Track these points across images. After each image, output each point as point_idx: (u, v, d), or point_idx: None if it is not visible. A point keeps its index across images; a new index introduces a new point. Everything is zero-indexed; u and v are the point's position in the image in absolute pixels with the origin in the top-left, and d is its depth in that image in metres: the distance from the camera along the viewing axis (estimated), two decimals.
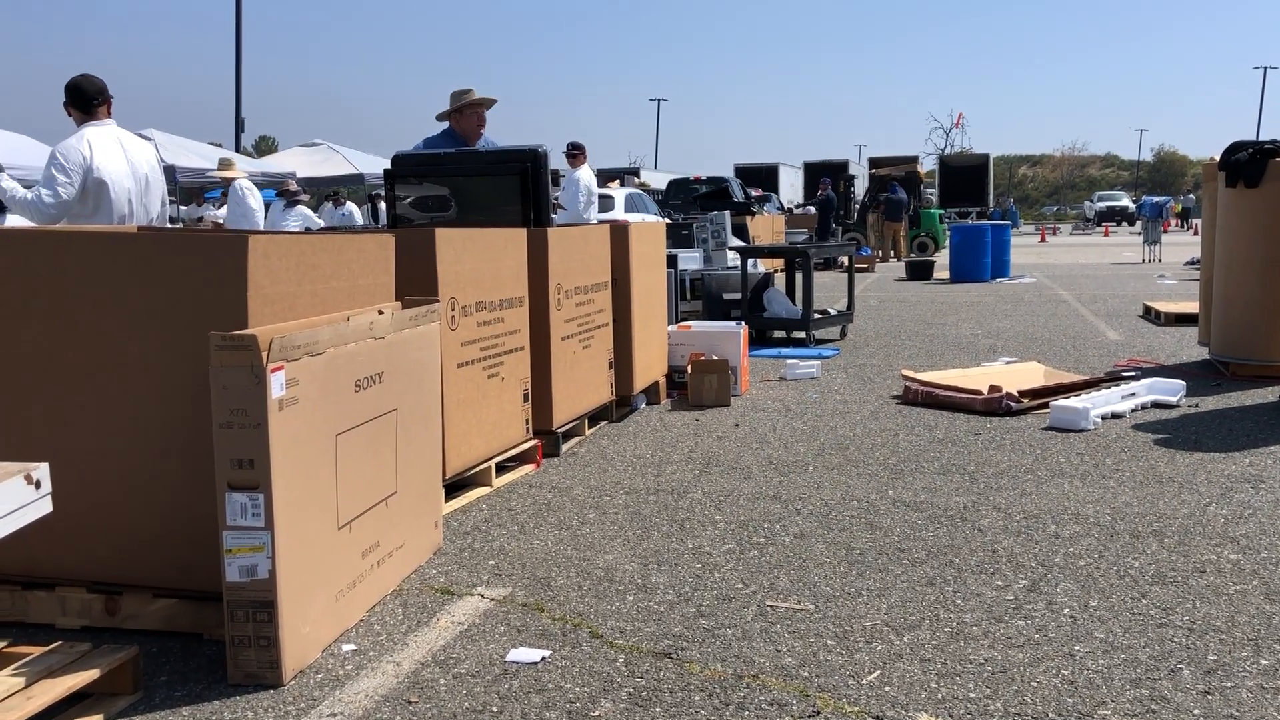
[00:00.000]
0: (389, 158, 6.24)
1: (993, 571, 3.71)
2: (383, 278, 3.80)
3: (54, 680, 2.61)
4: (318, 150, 22.95)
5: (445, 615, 3.37)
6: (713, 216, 13.12)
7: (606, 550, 3.99)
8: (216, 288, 3.04)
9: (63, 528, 3.10)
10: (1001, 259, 18.47)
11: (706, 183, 26.33)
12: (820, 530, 4.20)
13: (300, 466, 2.92)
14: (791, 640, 3.14)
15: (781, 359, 8.81)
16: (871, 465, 5.25)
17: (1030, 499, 4.60)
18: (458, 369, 4.57)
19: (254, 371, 2.74)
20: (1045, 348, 9.37)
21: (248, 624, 2.83)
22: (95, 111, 5.43)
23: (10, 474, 2.33)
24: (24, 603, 3.25)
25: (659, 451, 5.61)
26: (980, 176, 37.89)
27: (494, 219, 5.65)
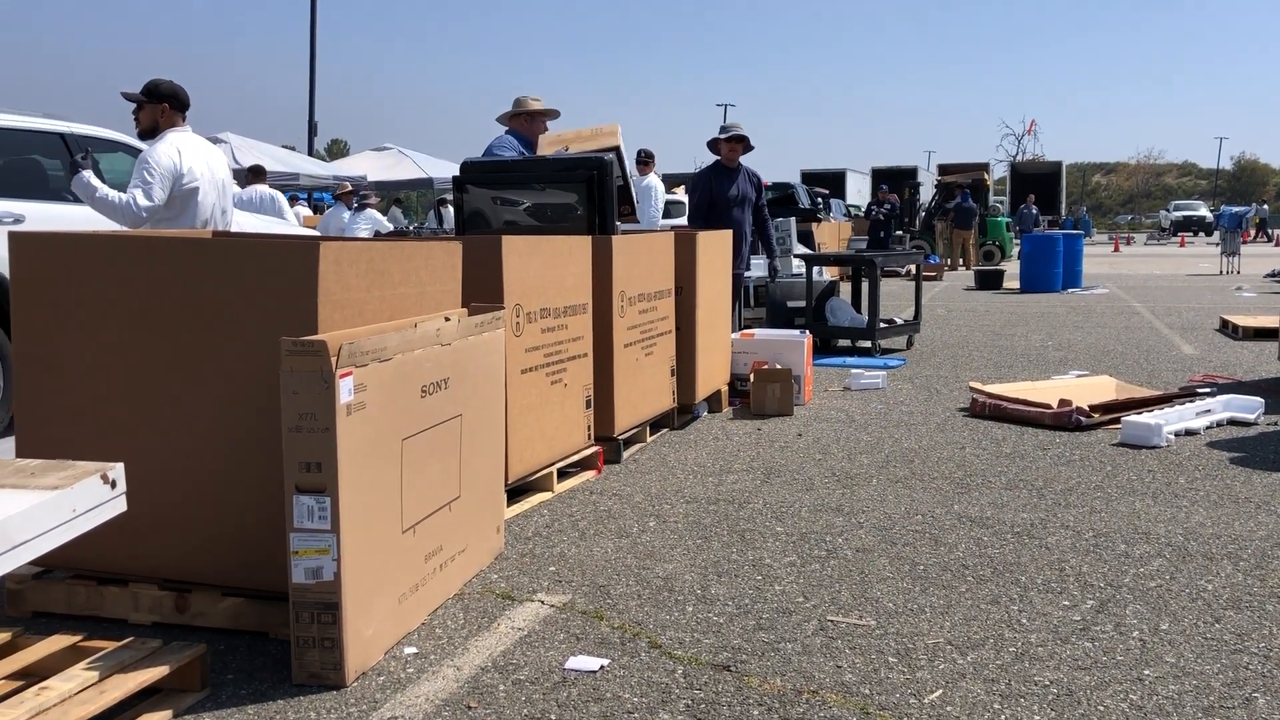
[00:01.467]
0: (458, 162, 6.32)
1: (1060, 591, 3.64)
2: (450, 284, 3.84)
3: (126, 675, 2.68)
4: (388, 154, 23.29)
5: (505, 620, 3.39)
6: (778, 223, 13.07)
7: (666, 559, 3.98)
8: (288, 293, 3.09)
9: (136, 525, 3.17)
10: (1073, 269, 18.14)
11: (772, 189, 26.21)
12: (883, 544, 4.15)
13: (366, 470, 2.96)
14: (852, 656, 3.11)
15: (846, 368, 8.74)
16: (937, 479, 5.18)
17: (1100, 517, 4.51)
18: (521, 375, 4.61)
19: (323, 376, 2.78)
20: (1117, 361, 9.18)
21: (312, 625, 2.87)
22: (183, 118, 5.57)
23: (88, 474, 2.40)
24: (99, 598, 3.33)
25: (720, 460, 5.60)
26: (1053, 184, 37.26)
27: (560, 226, 5.68)
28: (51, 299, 3.35)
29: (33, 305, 3.38)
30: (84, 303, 3.32)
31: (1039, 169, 40.02)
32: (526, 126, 6.61)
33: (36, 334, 3.38)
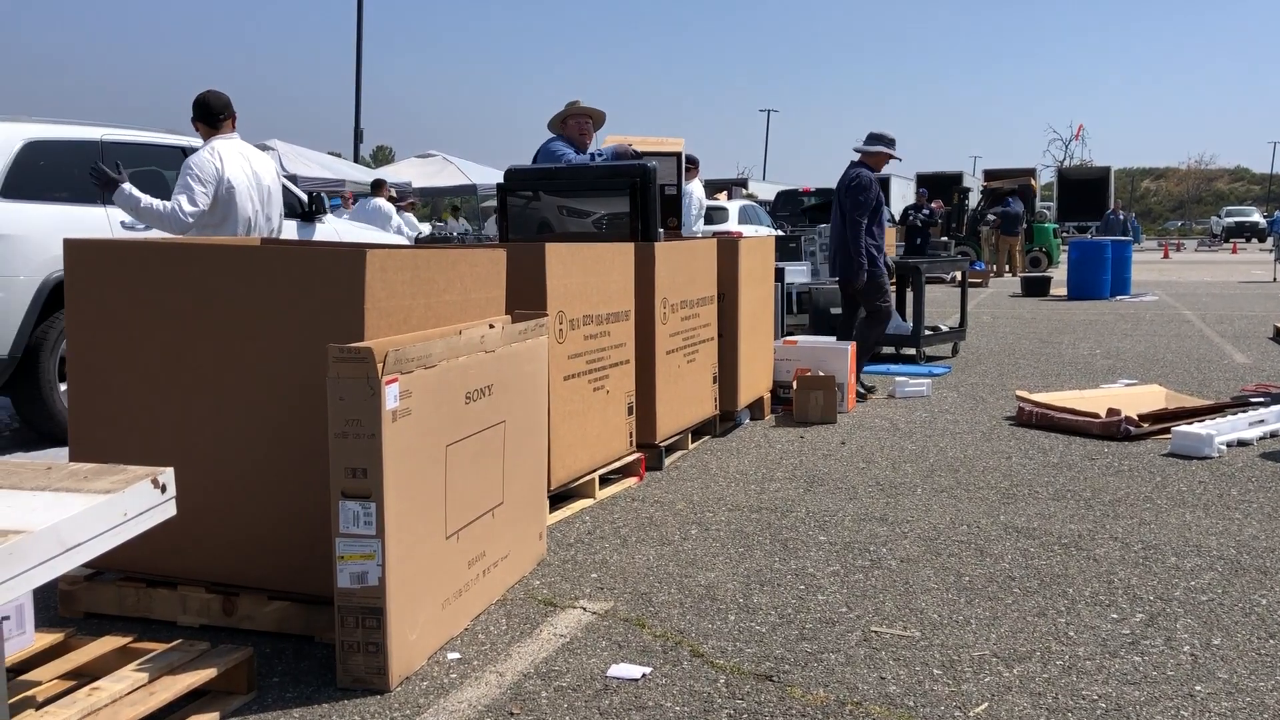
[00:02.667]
0: (502, 169, 6.37)
1: (1108, 604, 3.59)
2: (494, 291, 3.86)
3: (174, 677, 2.71)
4: (432, 161, 23.49)
5: (548, 627, 3.40)
6: (821, 229, 13.01)
7: (708, 567, 3.97)
8: (335, 300, 3.12)
9: (184, 529, 3.21)
10: (1122, 276, 17.89)
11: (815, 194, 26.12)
12: (928, 555, 4.12)
13: (411, 476, 2.98)
14: (896, 668, 3.08)
15: (890, 376, 8.67)
16: (982, 488, 5.12)
17: (1149, 528, 4.44)
18: (564, 381, 4.62)
19: (369, 383, 2.81)
20: (1167, 370, 9.04)
21: (357, 629, 2.90)
22: (221, 126, 5.65)
23: (139, 478, 2.44)
24: (148, 600, 3.38)
25: (763, 468, 5.58)
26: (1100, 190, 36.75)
27: (603, 233, 5.70)
28: (103, 305, 3.41)
29: (85, 311, 3.44)
30: (135, 309, 3.37)
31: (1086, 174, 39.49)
32: (572, 129, 6.63)
33: (89, 339, 3.44)
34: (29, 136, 6.22)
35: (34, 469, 2.52)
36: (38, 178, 6.08)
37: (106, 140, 6.69)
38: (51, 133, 6.39)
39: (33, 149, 6.20)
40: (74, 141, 6.51)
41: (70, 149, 6.42)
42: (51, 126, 6.44)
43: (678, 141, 7.20)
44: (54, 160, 6.26)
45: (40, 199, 6.10)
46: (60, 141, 6.43)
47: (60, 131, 6.47)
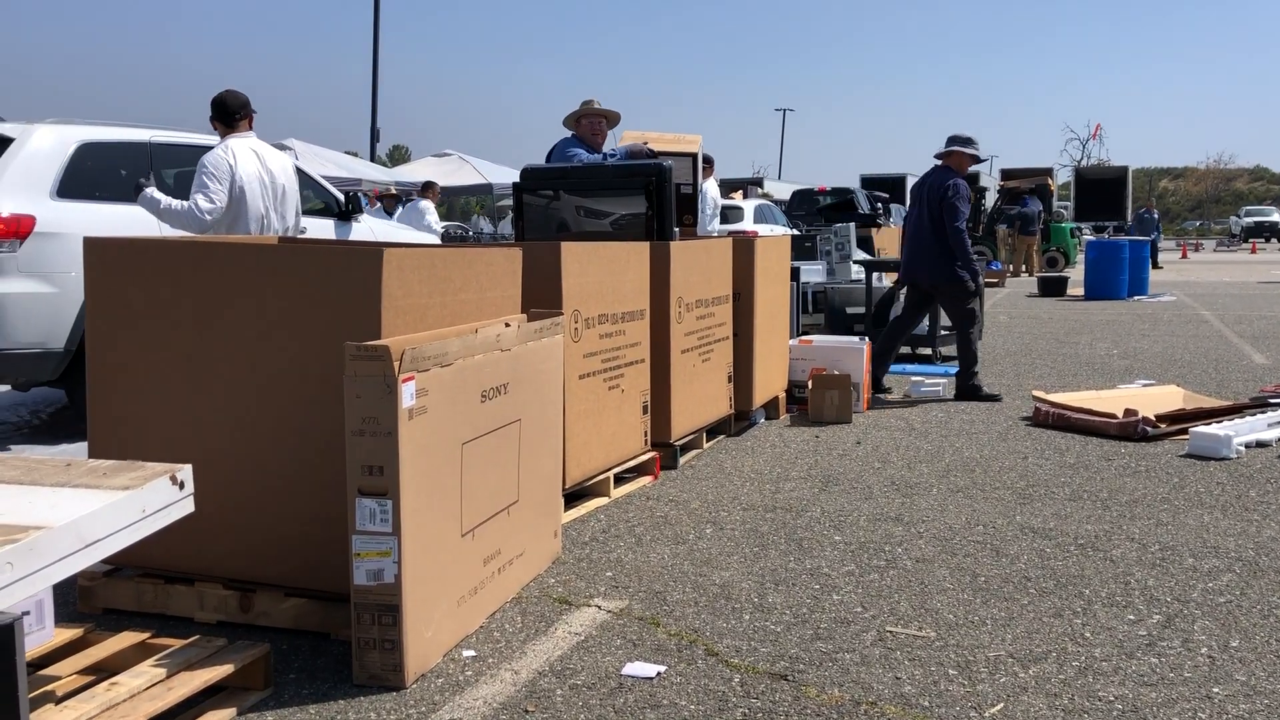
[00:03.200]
0: (518, 168, 6.38)
1: (1125, 605, 3.57)
2: (510, 290, 3.87)
3: (192, 673, 2.73)
4: (448, 160, 23.56)
5: (563, 625, 3.40)
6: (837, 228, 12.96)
7: (723, 567, 3.97)
8: (352, 298, 3.14)
9: (202, 526, 3.23)
10: (1139, 276, 17.79)
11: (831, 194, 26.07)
12: (943, 555, 4.11)
13: (427, 474, 2.99)
14: (911, 668, 3.08)
15: (906, 376, 8.65)
16: (998, 489, 5.11)
17: (1166, 529, 4.42)
18: (579, 380, 4.63)
19: (386, 381, 2.82)
20: (1185, 370, 8.99)
21: (373, 626, 2.91)
22: (237, 125, 5.69)
23: (157, 474, 2.45)
24: (166, 596, 3.40)
25: (778, 468, 5.57)
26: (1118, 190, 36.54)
27: (618, 232, 5.70)
28: (122, 302, 3.43)
29: (104, 308, 3.46)
30: (153, 306, 3.39)
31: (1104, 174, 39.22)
32: (586, 128, 6.66)
33: (108, 336, 3.47)
34: (82, 139, 6.42)
35: (54, 465, 2.54)
36: (91, 178, 6.28)
37: (154, 142, 6.88)
38: (103, 135, 6.57)
39: (86, 151, 6.39)
40: (124, 143, 6.70)
41: (121, 151, 6.64)
42: (103, 129, 6.62)
43: (695, 139, 7.20)
44: (106, 162, 6.51)
45: (93, 199, 6.28)
46: (111, 143, 6.61)
47: (111, 134, 6.64)
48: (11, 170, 6.09)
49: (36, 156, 6.21)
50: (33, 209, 6.04)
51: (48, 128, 6.39)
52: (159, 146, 6.83)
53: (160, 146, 6.83)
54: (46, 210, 6.07)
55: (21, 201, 6.04)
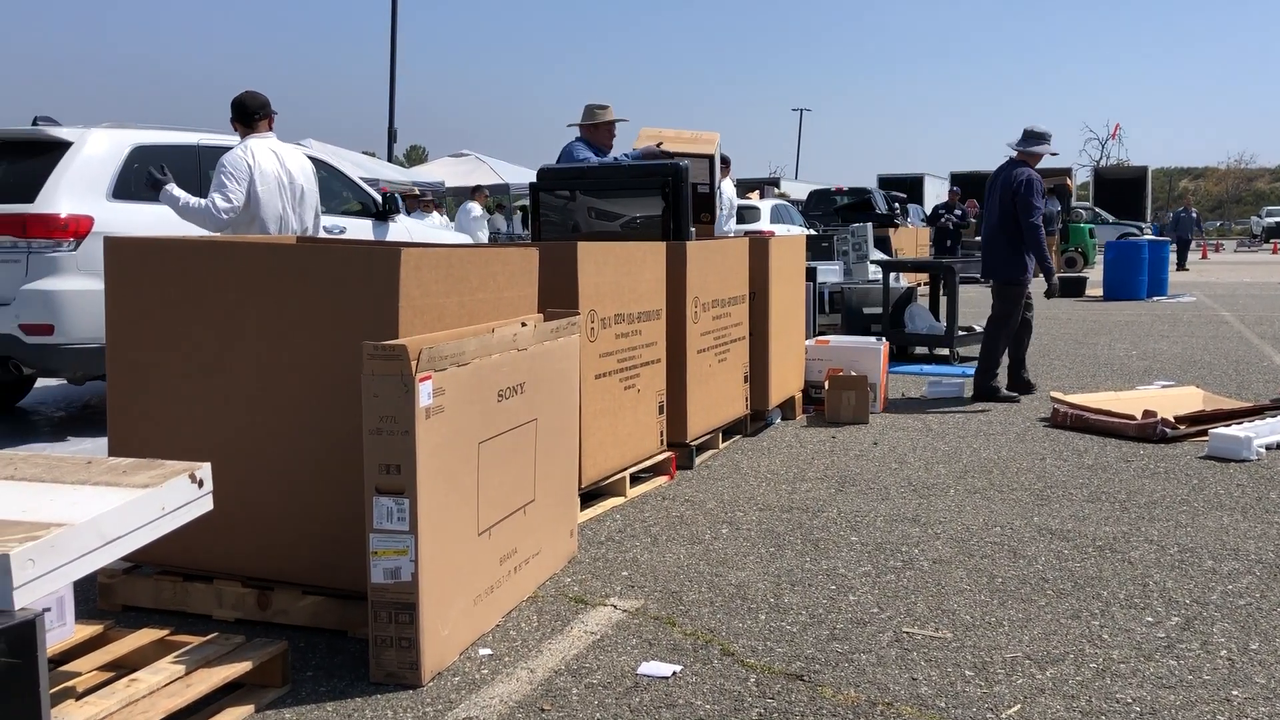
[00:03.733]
0: (534, 168, 6.40)
1: (1143, 607, 3.56)
2: (526, 290, 3.88)
3: (210, 670, 2.75)
4: (465, 160, 23.63)
5: (578, 624, 3.41)
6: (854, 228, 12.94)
7: (739, 567, 3.97)
8: (370, 298, 3.15)
9: (220, 524, 3.25)
10: (1159, 276, 17.69)
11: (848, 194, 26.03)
12: (960, 556, 4.09)
13: (444, 473, 3.00)
14: (928, 669, 3.07)
15: (923, 376, 8.63)
16: (1016, 490, 5.09)
17: (1185, 531, 4.39)
18: (595, 380, 4.63)
19: (404, 380, 2.83)
20: (1205, 371, 8.93)
21: (390, 625, 2.92)
22: (256, 125, 5.72)
23: (176, 473, 2.47)
24: (184, 593, 3.42)
25: (794, 468, 5.56)
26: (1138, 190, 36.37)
27: (635, 232, 5.71)
28: (142, 302, 3.45)
29: (124, 308, 3.49)
30: (173, 306, 3.42)
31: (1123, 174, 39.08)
32: (596, 135, 6.72)
33: (128, 336, 3.49)
34: (136, 142, 6.69)
35: (75, 463, 2.56)
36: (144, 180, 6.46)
37: (202, 145, 7.11)
38: (155, 138, 6.83)
39: (139, 153, 6.64)
40: (175, 146, 7.00)
41: (172, 153, 6.86)
42: (155, 133, 6.90)
43: (713, 137, 7.19)
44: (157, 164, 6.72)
45: (146, 200, 6.41)
46: (163, 146, 6.87)
47: (163, 137, 6.90)
48: (70, 173, 6.35)
49: (93, 160, 6.47)
50: (90, 210, 6.31)
51: (102, 132, 6.61)
52: (206, 149, 7.04)
53: (208, 149, 7.03)
54: (103, 211, 6.34)
55: (80, 203, 6.31)
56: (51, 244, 6.20)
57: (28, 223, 6.15)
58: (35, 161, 6.42)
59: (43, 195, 6.24)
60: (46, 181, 6.28)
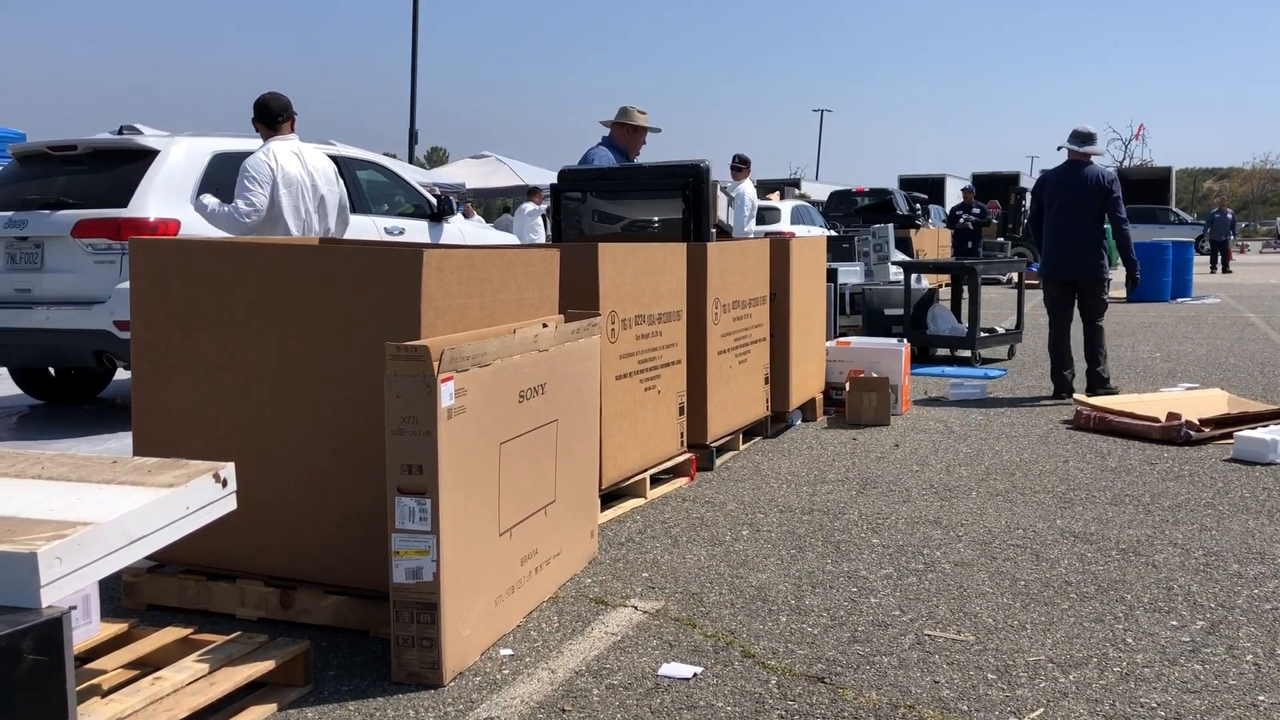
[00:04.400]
0: (555, 169, 6.41)
1: (1168, 610, 3.53)
2: (548, 291, 3.89)
3: (234, 669, 2.76)
4: (486, 162, 23.68)
5: (599, 625, 3.41)
6: (875, 229, 12.92)
7: (760, 569, 3.96)
8: (392, 299, 3.16)
9: (244, 523, 3.26)
10: (1183, 278, 17.56)
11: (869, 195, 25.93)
12: (983, 559, 4.07)
13: (466, 474, 3.01)
14: (950, 672, 3.06)
15: (945, 378, 8.59)
16: (1039, 493, 5.06)
17: (1210, 535, 4.36)
18: (616, 381, 4.63)
19: (426, 381, 2.84)
20: (1230, 374, 8.86)
21: (412, 624, 2.93)
22: (279, 127, 5.76)
23: (200, 472, 2.49)
24: (208, 592, 3.45)
25: (814, 470, 5.55)
26: (1161, 191, 36.11)
27: (656, 233, 5.71)
28: (167, 302, 3.48)
29: (149, 308, 3.51)
30: (198, 306, 3.44)
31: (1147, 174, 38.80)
32: (626, 138, 6.68)
33: (153, 336, 3.52)
34: (216, 150, 7.16)
35: (101, 462, 2.59)
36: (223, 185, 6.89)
37: None
38: (232, 146, 7.24)
39: (218, 160, 7.06)
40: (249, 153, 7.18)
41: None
42: (232, 140, 7.36)
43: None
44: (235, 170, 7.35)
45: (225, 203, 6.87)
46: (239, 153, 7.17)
47: (239, 145, 7.24)
48: (158, 180, 6.80)
49: (178, 167, 6.92)
50: (177, 214, 6.72)
51: (185, 140, 7.07)
52: None
53: None
54: (189, 214, 6.66)
55: (167, 207, 6.74)
56: None
57: (121, 226, 6.58)
58: (126, 168, 6.85)
59: (134, 200, 6.65)
60: (138, 187, 6.70)
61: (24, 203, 6.95)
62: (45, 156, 7.20)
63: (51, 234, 6.76)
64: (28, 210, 6.87)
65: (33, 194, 7.04)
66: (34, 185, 7.14)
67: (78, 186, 6.96)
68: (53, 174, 7.15)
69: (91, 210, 6.70)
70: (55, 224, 6.77)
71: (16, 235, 6.83)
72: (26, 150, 7.51)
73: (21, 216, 6.86)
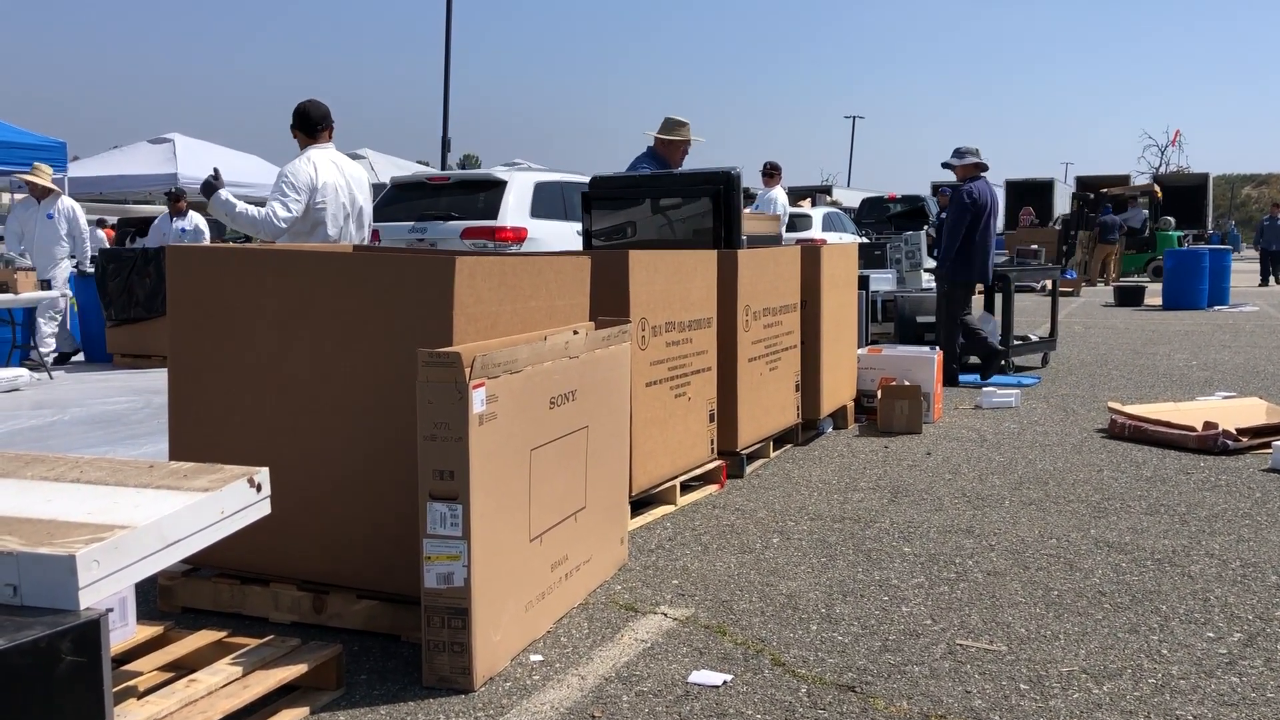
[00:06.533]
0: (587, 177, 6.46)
1: (1204, 622, 3.49)
2: (578, 298, 3.90)
3: (267, 672, 2.79)
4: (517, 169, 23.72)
5: (629, 632, 3.41)
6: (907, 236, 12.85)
7: (790, 577, 3.95)
8: (424, 305, 3.19)
9: (277, 528, 3.30)
10: (1220, 285, 17.35)
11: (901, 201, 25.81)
12: (1016, 568, 4.04)
13: (497, 479, 3.02)
14: (982, 682, 3.03)
15: (978, 386, 8.53)
16: (1072, 502, 5.01)
17: (1248, 546, 4.30)
18: (646, 388, 4.64)
19: (457, 387, 2.86)
20: (1269, 383, 8.74)
21: (443, 629, 2.94)
22: (318, 135, 5.80)
23: (235, 477, 2.51)
24: (242, 596, 3.48)
25: (846, 478, 5.53)
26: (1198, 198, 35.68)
27: (687, 240, 5.72)
28: (203, 309, 3.52)
29: (186, 314, 3.56)
30: (233, 313, 3.48)
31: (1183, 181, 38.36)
32: (666, 149, 6.78)
33: (189, 342, 3.56)
34: (538, 180, 10.78)
35: (138, 467, 2.62)
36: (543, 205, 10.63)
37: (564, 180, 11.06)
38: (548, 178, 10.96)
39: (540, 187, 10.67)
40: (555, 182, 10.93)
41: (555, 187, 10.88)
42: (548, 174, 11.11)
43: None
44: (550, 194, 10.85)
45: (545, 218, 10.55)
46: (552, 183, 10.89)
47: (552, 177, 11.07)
48: (510, 200, 10.28)
49: (519, 191, 10.38)
50: (524, 223, 10.18)
51: (520, 174, 10.64)
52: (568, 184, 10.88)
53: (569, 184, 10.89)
54: (530, 225, 10.18)
55: (517, 219, 10.18)
56: (506, 245, 9.89)
57: (495, 232, 9.93)
58: (487, 193, 10.35)
59: (499, 214, 10.12)
60: (500, 205, 10.15)
61: (420, 216, 10.38)
62: (423, 185, 10.92)
63: (445, 237, 10.01)
64: (425, 221, 10.29)
65: (425, 211, 10.43)
66: (422, 205, 10.54)
67: (458, 205, 10.35)
68: (434, 197, 10.58)
69: (472, 221, 10.02)
70: (449, 230, 10.10)
71: (418, 238, 10.07)
72: (408, 180, 11.32)
73: (422, 225, 10.24)
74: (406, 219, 10.32)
